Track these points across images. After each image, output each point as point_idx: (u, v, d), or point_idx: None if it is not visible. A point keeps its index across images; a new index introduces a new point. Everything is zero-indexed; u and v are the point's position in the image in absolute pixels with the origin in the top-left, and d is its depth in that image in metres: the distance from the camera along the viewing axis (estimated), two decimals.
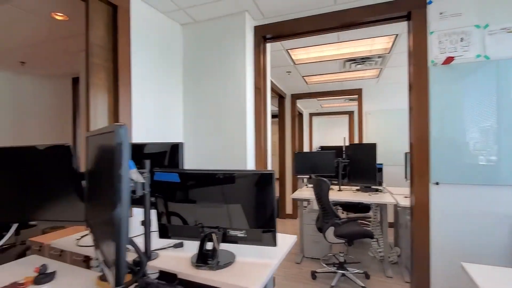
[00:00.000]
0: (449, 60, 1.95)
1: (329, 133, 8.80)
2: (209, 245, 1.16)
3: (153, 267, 1.13)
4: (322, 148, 6.19)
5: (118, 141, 0.53)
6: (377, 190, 3.35)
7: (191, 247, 1.34)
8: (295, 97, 5.36)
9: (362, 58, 3.61)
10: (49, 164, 1.04)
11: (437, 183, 1.94)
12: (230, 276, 1.02)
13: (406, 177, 3.33)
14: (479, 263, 1.79)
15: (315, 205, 3.78)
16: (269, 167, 2.65)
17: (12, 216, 1.18)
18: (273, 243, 1.13)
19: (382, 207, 3.31)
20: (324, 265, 3.12)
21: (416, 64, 2.00)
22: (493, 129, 1.85)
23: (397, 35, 2.84)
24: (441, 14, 2.00)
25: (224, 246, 1.30)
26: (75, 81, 4.28)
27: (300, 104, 6.66)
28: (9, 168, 1.12)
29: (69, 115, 4.33)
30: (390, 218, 4.31)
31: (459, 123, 1.90)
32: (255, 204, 1.16)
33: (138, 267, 1.09)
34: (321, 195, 2.66)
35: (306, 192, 3.55)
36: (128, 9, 1.92)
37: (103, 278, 1.06)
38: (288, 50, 3.23)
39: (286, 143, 5.32)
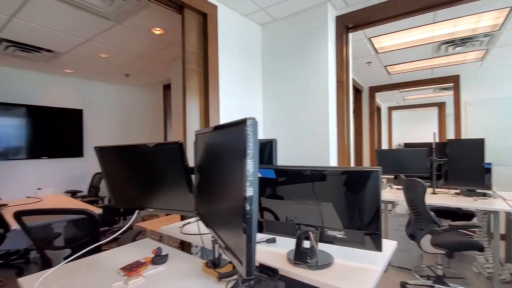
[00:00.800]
0: None
1: (411, 129, 7.84)
2: (305, 243, 1.14)
3: None
4: (407, 145, 5.55)
5: (249, 134, 0.54)
6: (484, 195, 2.81)
7: (283, 243, 1.34)
8: (374, 90, 4.94)
9: (463, 39, 3.07)
10: (163, 159, 1.18)
11: None
12: (333, 278, 0.98)
13: None
14: None
15: (399, 209, 3.40)
16: (352, 164, 2.49)
17: (134, 203, 1.38)
18: (377, 247, 1.04)
19: (492, 215, 2.76)
20: (417, 276, 2.78)
21: None
22: None
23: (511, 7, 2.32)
24: None
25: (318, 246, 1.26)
26: (165, 88, 4.85)
27: (379, 97, 6.12)
28: (129, 163, 1.32)
29: (161, 117, 4.93)
30: (501, 228, 3.57)
31: None
32: (355, 203, 1.08)
33: None
34: (414, 198, 2.37)
35: (390, 193, 3.22)
36: (215, 16, 2.06)
37: (208, 264, 1.15)
38: (371, 38, 2.98)
39: (364, 140, 4.95)
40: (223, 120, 2.13)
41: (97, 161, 4.35)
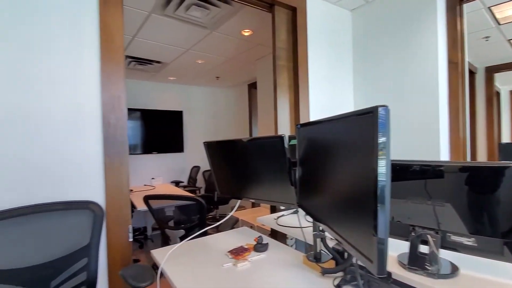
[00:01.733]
0: None
1: None
2: (421, 248, 1.01)
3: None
4: None
5: (381, 125, 0.50)
6: None
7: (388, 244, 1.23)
8: (492, 70, 4.03)
9: None
10: (264, 152, 1.24)
11: None
12: None
13: None
14: None
15: None
16: (468, 159, 2.09)
17: (235, 193, 1.50)
18: None
19: None
20: None
21: None
22: None
23: None
24: None
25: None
26: (250, 86, 5.11)
27: (498, 79, 4.96)
28: (231, 155, 1.43)
29: (246, 114, 5.22)
30: None
31: None
32: (487, 206, 0.90)
33: (339, 255, 1.11)
34: None
35: None
36: (305, 9, 2.03)
37: (309, 258, 1.15)
38: (491, 8, 2.43)
39: (478, 131, 4.11)
40: (313, 114, 2.09)
41: (194, 156, 4.91)
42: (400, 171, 1.12)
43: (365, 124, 0.55)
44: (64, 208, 1.12)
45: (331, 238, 1.32)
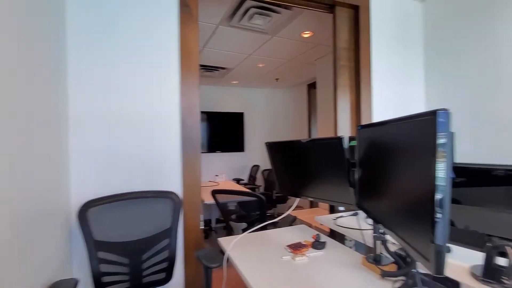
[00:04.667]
0: None
1: None
2: (498, 260, 0.93)
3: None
4: None
5: (439, 128, 0.51)
6: None
7: (460, 254, 1.14)
8: None
9: None
10: (322, 153, 1.28)
11: None
12: None
13: None
14: None
15: None
16: None
17: (292, 192, 1.57)
18: None
19: None
20: None
21: None
22: None
23: None
24: None
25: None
26: (309, 86, 5.08)
27: None
28: (291, 155, 1.50)
29: (305, 115, 5.21)
30: None
31: None
32: None
33: (401, 259, 1.08)
34: None
35: None
36: (367, 6, 1.98)
37: (369, 260, 1.15)
38: None
39: None
40: (376, 115, 2.02)
41: (254, 155, 5.16)
42: (480, 176, 1.03)
43: (425, 126, 0.56)
44: (153, 196, 1.36)
45: (393, 243, 1.29)
